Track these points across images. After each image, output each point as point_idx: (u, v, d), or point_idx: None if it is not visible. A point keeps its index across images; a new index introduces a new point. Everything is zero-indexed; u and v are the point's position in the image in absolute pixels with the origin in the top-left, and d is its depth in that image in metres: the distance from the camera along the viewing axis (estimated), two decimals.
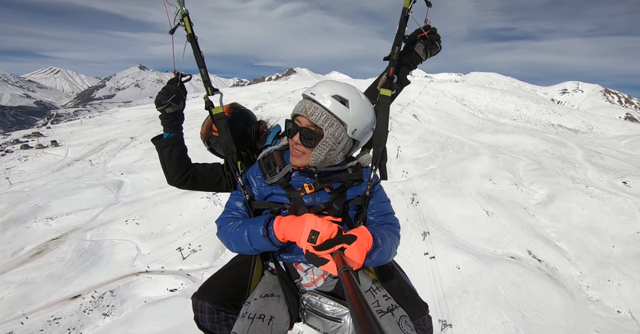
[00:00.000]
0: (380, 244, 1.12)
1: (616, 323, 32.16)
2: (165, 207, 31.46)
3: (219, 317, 1.32)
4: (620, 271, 36.57)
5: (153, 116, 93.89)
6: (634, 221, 43.30)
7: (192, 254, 21.66)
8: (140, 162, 53.79)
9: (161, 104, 1.44)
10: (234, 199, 1.36)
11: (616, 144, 79.10)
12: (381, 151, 1.35)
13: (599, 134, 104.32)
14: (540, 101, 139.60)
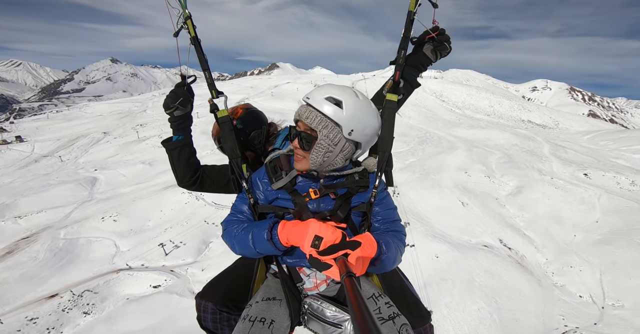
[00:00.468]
0: (385, 251, 1.11)
1: (579, 307, 34.97)
2: (144, 203, 30.52)
3: (221, 317, 1.33)
4: (581, 257, 39.71)
5: (127, 110, 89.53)
6: (593, 210, 47.09)
7: (175, 250, 21.32)
8: (114, 157, 51.46)
9: (169, 107, 1.45)
10: (239, 202, 1.36)
11: (579, 139, 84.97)
12: (386, 157, 1.34)
13: (564, 129, 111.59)
14: (512, 98, 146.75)
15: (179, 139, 1.52)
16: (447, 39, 1.37)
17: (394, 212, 1.37)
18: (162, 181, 38.23)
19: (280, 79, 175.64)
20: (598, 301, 35.91)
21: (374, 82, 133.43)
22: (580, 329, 31.60)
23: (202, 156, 1.81)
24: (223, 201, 35.19)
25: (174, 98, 1.44)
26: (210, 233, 26.25)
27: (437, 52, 1.40)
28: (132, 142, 59.42)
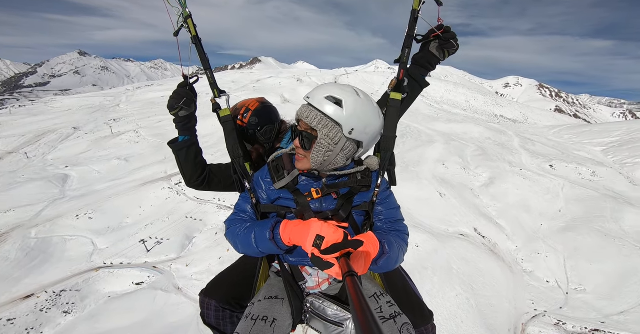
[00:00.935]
0: (387, 251, 1.12)
1: (546, 292, 37.62)
2: (121, 199, 29.44)
3: (224, 315, 1.38)
4: (547, 244, 42.55)
5: (99, 104, 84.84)
6: (557, 200, 50.55)
7: (157, 246, 20.92)
8: (87, 153, 48.89)
9: (173, 108, 1.47)
10: (242, 202, 1.40)
11: (546, 133, 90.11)
12: (389, 156, 1.36)
13: (533, 124, 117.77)
14: (486, 94, 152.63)
15: (185, 140, 1.55)
16: (454, 36, 1.37)
17: (397, 211, 1.38)
18: (139, 177, 36.85)
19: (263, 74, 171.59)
20: (563, 285, 38.64)
21: (356, 78, 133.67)
22: (548, 313, 34.00)
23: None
24: (205, 196, 34.51)
25: (178, 99, 1.46)
26: (194, 228, 25.78)
27: (444, 51, 1.41)
28: (106, 138, 56.62)
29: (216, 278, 1.52)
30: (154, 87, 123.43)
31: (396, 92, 1.37)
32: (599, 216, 48.58)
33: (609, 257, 42.19)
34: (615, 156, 79.64)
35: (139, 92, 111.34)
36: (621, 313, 37.97)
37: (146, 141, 61.99)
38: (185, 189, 38.45)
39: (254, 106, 1.77)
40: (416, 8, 1.27)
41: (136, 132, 64.37)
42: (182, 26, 1.43)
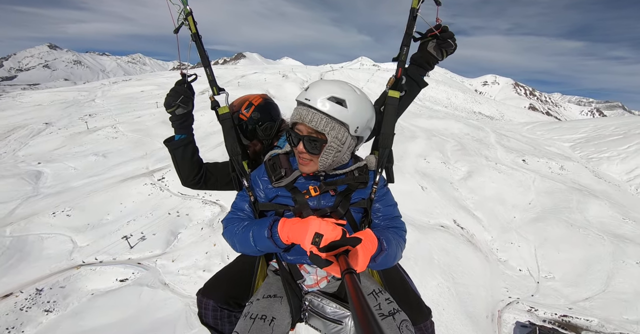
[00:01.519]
0: (386, 248, 1.09)
1: (519, 280, 39.77)
2: (101, 196, 28.50)
3: (222, 314, 1.33)
4: (519, 234, 45.06)
5: (72, 99, 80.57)
6: (529, 192, 53.56)
7: (141, 242, 20.53)
8: (61, 150, 46.62)
9: (170, 106, 1.40)
10: (239, 200, 1.35)
11: (520, 129, 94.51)
12: (387, 154, 1.31)
13: (508, 120, 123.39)
14: (466, 91, 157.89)
15: (181, 138, 1.48)
16: (451, 35, 1.33)
17: (394, 208, 1.35)
18: (119, 173, 35.70)
19: (247, 69, 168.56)
20: (534, 274, 41.13)
21: (341, 74, 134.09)
22: (521, 300, 36.24)
23: None
24: (190, 192, 33.91)
25: (175, 96, 1.39)
26: (178, 224, 25.43)
27: (442, 50, 1.37)
28: (81, 133, 54.03)
29: (214, 277, 1.45)
30: (132, 81, 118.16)
31: (394, 90, 1.33)
32: (566, 208, 51.85)
33: (575, 246, 45.26)
34: (582, 151, 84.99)
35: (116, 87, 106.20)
36: (586, 299, 40.79)
37: (125, 137, 59.61)
38: (168, 185, 37.58)
39: (257, 101, 1.72)
40: (415, 6, 1.23)
41: (114, 127, 61.66)
42: (182, 23, 1.37)
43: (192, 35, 1.37)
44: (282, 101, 17.92)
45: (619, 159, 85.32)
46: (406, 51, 1.31)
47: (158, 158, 52.10)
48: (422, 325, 1.32)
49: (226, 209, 39.85)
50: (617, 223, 49.47)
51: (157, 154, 53.76)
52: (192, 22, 1.36)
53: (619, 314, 37.02)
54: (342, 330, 1.16)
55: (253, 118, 1.67)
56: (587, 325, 36.31)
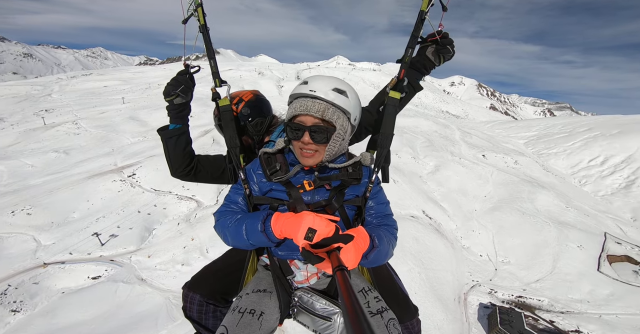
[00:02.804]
0: (377, 244, 1.09)
1: (480, 265, 43.22)
2: (64, 193, 26.84)
3: (207, 309, 1.31)
4: (479, 223, 48.94)
5: (25, 94, 73.68)
6: (487, 184, 58.07)
7: (113, 239, 19.88)
8: (16, 146, 42.90)
9: (170, 94, 1.39)
10: (233, 193, 1.33)
11: (482, 127, 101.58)
12: (385, 153, 1.31)
13: (471, 119, 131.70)
14: (435, 91, 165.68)
15: (176, 128, 1.47)
16: (450, 42, 1.35)
17: (386, 206, 1.35)
18: (84, 169, 33.59)
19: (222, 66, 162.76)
20: (493, 259, 44.30)
21: (318, 72, 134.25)
22: (483, 283, 39.54)
23: None
24: (163, 187, 32.83)
25: (176, 86, 1.39)
26: (153, 220, 24.70)
27: (440, 56, 1.38)
28: (38, 129, 49.84)
29: (201, 272, 1.43)
30: (93, 76, 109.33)
31: (395, 91, 1.34)
32: (518, 198, 56.90)
33: (526, 232, 49.89)
34: (534, 147, 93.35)
35: (75, 82, 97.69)
36: (537, 281, 45.21)
37: (88, 133, 55.60)
38: (140, 181, 35.96)
39: (247, 97, 1.73)
40: (424, 9, 1.24)
41: (75, 123, 57.26)
42: (191, 14, 1.37)
43: (200, 26, 1.37)
44: None
45: (564, 154, 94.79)
46: (411, 53, 1.32)
47: (127, 154, 49.29)
48: (408, 323, 1.32)
49: (203, 205, 38.97)
50: (561, 211, 55.30)
51: (126, 151, 50.85)
52: (201, 14, 1.36)
53: (565, 294, 41.52)
54: (331, 327, 1.15)
55: (243, 114, 1.67)
56: (539, 305, 40.39)
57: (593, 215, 60.27)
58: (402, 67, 1.32)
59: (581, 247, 48.00)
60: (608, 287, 41.86)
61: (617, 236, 53.75)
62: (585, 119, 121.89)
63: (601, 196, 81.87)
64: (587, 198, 73.46)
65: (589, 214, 59.63)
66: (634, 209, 77.29)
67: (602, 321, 37.03)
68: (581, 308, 38.46)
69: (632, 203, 79.15)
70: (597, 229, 53.53)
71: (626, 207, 77.12)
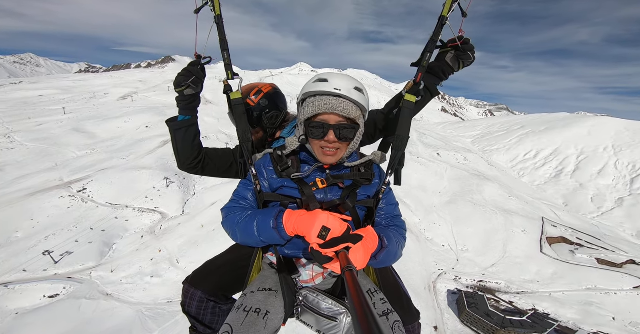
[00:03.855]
0: (387, 245, 1.09)
1: (443, 254, 46.69)
2: (3, 213, 24.18)
3: (207, 305, 1.31)
4: (439, 215, 53.09)
5: None
6: (443, 180, 63.48)
7: (68, 256, 18.52)
8: None
9: (181, 85, 1.38)
10: (243, 189, 1.30)
11: (435, 128, 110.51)
12: (399, 156, 1.30)
13: (427, 121, 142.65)
14: (392, 95, 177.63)
15: (185, 119, 1.46)
16: (472, 48, 1.34)
17: (395, 207, 1.35)
18: (23, 187, 30.21)
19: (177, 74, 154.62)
20: (454, 248, 47.72)
21: (281, 79, 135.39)
22: (447, 271, 42.82)
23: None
24: (120, 201, 30.85)
25: (187, 76, 1.38)
26: (112, 234, 23.22)
27: (459, 62, 1.37)
28: None
29: (203, 268, 1.41)
30: (23, 85, 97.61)
31: (411, 95, 1.33)
32: (469, 191, 63.09)
33: (478, 221, 55.31)
34: (479, 145, 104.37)
35: (3, 91, 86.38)
36: (493, 266, 50.12)
37: (24, 147, 49.86)
38: (93, 196, 33.28)
39: (267, 89, 1.75)
40: (445, 15, 1.24)
41: (8, 137, 51.02)
42: (206, 3, 1.33)
43: (215, 17, 1.35)
44: (220, 107, 19.93)
45: (504, 150, 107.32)
46: (429, 57, 1.32)
47: (74, 169, 45.07)
48: (410, 326, 1.33)
49: (168, 216, 37.15)
50: (505, 200, 62.37)
51: (73, 165, 46.45)
52: (217, 3, 1.33)
53: (518, 275, 46.63)
54: (336, 327, 1.13)
55: (261, 105, 1.68)
56: (498, 287, 44.87)
57: (531, 202, 68.98)
58: (419, 70, 1.33)
59: (525, 231, 54.70)
60: (551, 266, 48.16)
61: (552, 220, 62.19)
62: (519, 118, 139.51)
63: (537, 185, 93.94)
64: (525, 188, 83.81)
65: (528, 202, 68.10)
66: (564, 195, 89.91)
67: (552, 298, 42.39)
68: (533, 287, 43.61)
69: (562, 190, 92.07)
70: (535, 215, 61.42)
71: (558, 194, 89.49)
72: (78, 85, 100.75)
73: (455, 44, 1.32)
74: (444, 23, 1.24)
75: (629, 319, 37.87)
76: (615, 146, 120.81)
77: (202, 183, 51.13)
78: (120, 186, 37.25)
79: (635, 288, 44.08)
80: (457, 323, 37.03)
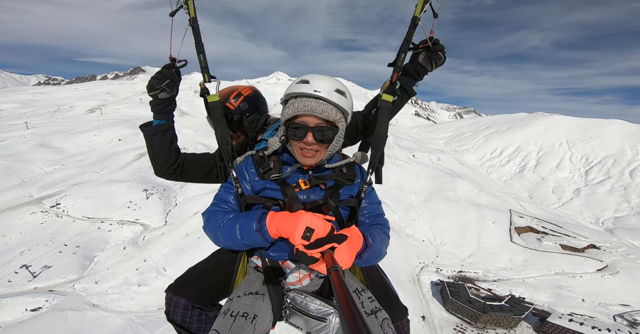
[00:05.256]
0: (371, 243, 1.09)
1: (425, 248, 48.58)
2: None
3: (193, 313, 1.26)
4: (417, 213, 55.35)
5: None
6: (419, 179, 66.51)
7: (47, 270, 17.97)
8: None
9: (154, 89, 1.34)
10: (224, 192, 1.28)
11: (410, 132, 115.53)
12: (379, 155, 1.31)
13: (401, 125, 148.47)
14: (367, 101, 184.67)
15: (160, 124, 1.40)
16: (442, 48, 1.35)
17: (378, 206, 1.35)
18: None
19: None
20: (433, 242, 50.18)
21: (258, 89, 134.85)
22: (428, 263, 44.62)
23: None
24: (97, 215, 29.78)
25: (161, 79, 1.33)
26: (91, 247, 22.48)
27: (432, 62, 1.38)
28: None
29: (186, 274, 1.34)
30: None
31: (388, 94, 1.33)
32: (444, 188, 66.51)
33: (453, 216, 58.35)
34: (451, 145, 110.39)
35: None
36: (470, 256, 52.90)
37: None
38: (68, 210, 31.74)
39: (247, 92, 1.71)
40: (417, 15, 1.24)
41: None
42: (180, 6, 1.29)
43: (190, 20, 1.31)
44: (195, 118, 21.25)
45: (473, 149, 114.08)
46: (403, 57, 1.32)
47: (44, 185, 42.58)
48: (399, 323, 1.31)
49: (150, 227, 36.03)
50: (476, 195, 66.33)
51: (41, 181, 43.88)
52: (192, 6, 1.30)
53: (493, 264, 49.41)
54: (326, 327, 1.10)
55: (241, 108, 1.64)
56: (477, 276, 47.29)
57: (499, 196, 73.82)
58: (394, 70, 1.34)
59: (495, 223, 58.40)
60: (522, 254, 51.67)
61: (519, 211, 66.86)
62: (485, 119, 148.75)
63: (503, 181, 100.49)
64: (493, 183, 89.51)
65: (496, 196, 72.81)
66: (529, 189, 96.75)
67: (526, 284, 45.37)
68: (507, 275, 46.54)
69: (527, 184, 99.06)
70: (504, 207, 65.77)
71: (523, 188, 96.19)
72: (39, 98, 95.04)
73: (427, 44, 1.34)
74: (417, 23, 1.26)
75: (597, 301, 41.29)
76: (569, 141, 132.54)
77: (183, 194, 49.96)
78: (97, 199, 35.98)
79: (599, 270, 48.19)
80: (443, 311, 38.64)
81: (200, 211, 35.36)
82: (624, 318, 39.16)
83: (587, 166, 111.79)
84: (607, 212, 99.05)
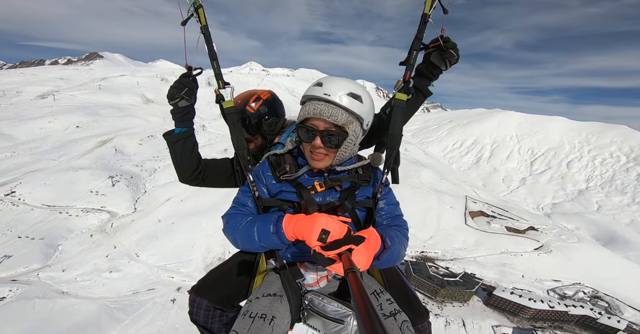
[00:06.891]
0: (389, 245, 1.06)
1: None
2: None
3: (214, 314, 1.26)
4: None
5: None
6: None
7: (6, 260, 17.16)
8: None
9: (174, 98, 1.34)
10: (242, 195, 1.28)
11: None
12: (394, 154, 1.27)
13: None
14: None
15: (182, 132, 1.41)
16: (454, 46, 1.30)
17: (396, 207, 1.31)
18: None
19: (110, 71, 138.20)
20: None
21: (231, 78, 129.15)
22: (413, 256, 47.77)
23: None
24: (60, 202, 27.87)
25: (180, 88, 1.34)
26: (54, 236, 21.32)
27: (445, 60, 1.33)
28: None
29: (208, 276, 1.35)
30: None
31: (401, 93, 1.30)
32: (409, 176, 70.64)
33: (417, 201, 62.44)
34: (418, 137, 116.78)
35: None
36: (430, 238, 57.48)
37: None
38: (25, 198, 29.20)
39: (265, 96, 1.70)
40: (427, 12, 1.20)
41: None
42: (191, 15, 1.30)
43: (201, 27, 1.31)
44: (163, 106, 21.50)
45: (437, 141, 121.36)
46: (415, 55, 1.28)
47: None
48: (420, 326, 1.27)
49: (117, 215, 34.32)
50: (438, 183, 71.29)
51: None
52: (202, 15, 1.30)
53: (450, 244, 53.90)
54: (343, 329, 1.08)
55: (260, 112, 1.63)
56: (436, 256, 51.43)
57: (457, 184, 79.87)
58: (407, 69, 1.30)
59: (453, 208, 63.42)
60: (474, 236, 56.94)
61: (473, 197, 73.07)
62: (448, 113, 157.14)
63: (462, 170, 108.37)
64: (453, 172, 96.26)
65: (455, 184, 78.70)
66: (483, 178, 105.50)
67: (477, 262, 50.34)
68: (462, 254, 51.27)
69: (482, 174, 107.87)
70: (460, 194, 71.47)
71: (478, 177, 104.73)
72: None
73: (438, 43, 1.30)
74: (427, 21, 1.23)
75: (535, 276, 47.10)
76: (518, 135, 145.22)
77: (152, 181, 47.15)
78: (57, 187, 33.21)
79: (536, 249, 54.45)
80: None
81: (173, 197, 34.94)
82: (556, 292, 45.47)
83: (532, 158, 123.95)
84: (546, 199, 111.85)
